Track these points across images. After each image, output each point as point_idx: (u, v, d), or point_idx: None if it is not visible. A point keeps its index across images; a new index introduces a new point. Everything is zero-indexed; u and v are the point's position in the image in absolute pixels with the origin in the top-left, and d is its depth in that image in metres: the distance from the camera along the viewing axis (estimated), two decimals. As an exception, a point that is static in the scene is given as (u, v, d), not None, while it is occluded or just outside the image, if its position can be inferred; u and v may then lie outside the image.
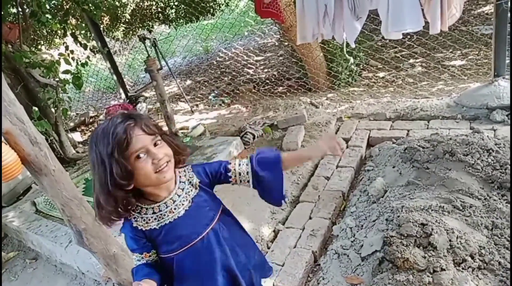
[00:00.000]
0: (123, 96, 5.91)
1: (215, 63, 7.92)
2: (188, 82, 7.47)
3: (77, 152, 4.55)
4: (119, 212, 1.15)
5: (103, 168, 1.07)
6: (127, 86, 6.06)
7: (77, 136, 5.42)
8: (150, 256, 1.27)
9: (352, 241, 2.17)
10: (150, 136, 1.10)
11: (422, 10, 2.79)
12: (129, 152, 1.06)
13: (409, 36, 5.07)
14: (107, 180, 1.06)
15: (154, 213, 1.21)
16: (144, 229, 1.22)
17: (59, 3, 4.23)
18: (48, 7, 3.66)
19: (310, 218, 2.56)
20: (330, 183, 2.87)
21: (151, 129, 1.11)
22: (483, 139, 2.38)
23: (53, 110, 4.23)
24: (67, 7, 4.51)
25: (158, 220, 1.21)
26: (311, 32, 3.13)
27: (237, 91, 5.70)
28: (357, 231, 2.23)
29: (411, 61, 5.25)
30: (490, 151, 2.27)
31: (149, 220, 1.21)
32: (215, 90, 6.28)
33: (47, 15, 3.61)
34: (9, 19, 4.10)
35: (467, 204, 2.01)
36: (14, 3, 3.77)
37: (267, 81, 5.82)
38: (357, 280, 1.95)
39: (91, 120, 6.43)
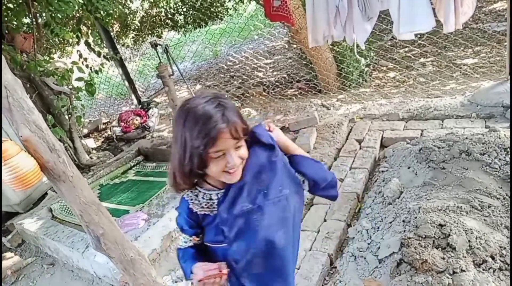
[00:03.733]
0: (135, 101, 5.98)
1: (225, 67, 7.96)
2: (198, 86, 7.51)
3: (91, 158, 4.61)
4: (190, 185, 1.19)
5: (183, 152, 1.10)
6: (138, 92, 6.12)
7: (90, 142, 5.48)
8: (198, 240, 1.28)
9: (368, 243, 2.15)
10: (235, 140, 1.10)
11: (433, 9, 2.77)
12: (211, 149, 1.08)
13: (419, 35, 5.03)
14: (184, 163, 1.10)
15: (210, 199, 1.21)
16: (198, 212, 1.22)
17: (71, 12, 4.30)
18: (60, 17, 3.73)
19: (325, 220, 2.55)
20: (344, 185, 2.85)
21: (238, 134, 1.09)
22: (500, 138, 2.35)
23: (67, 117, 4.30)
24: (78, 16, 4.58)
25: (213, 208, 1.21)
26: (322, 34, 3.13)
27: (247, 95, 5.71)
28: (373, 233, 2.21)
29: (422, 60, 5.20)
30: (508, 149, 2.23)
31: (205, 205, 1.21)
32: (225, 94, 6.29)
33: (59, 26, 3.67)
34: (23, 29, 4.19)
35: (485, 204, 1.97)
36: (27, 13, 3.84)
37: (277, 83, 5.82)
38: (374, 282, 1.93)
39: (103, 127, 6.50)
